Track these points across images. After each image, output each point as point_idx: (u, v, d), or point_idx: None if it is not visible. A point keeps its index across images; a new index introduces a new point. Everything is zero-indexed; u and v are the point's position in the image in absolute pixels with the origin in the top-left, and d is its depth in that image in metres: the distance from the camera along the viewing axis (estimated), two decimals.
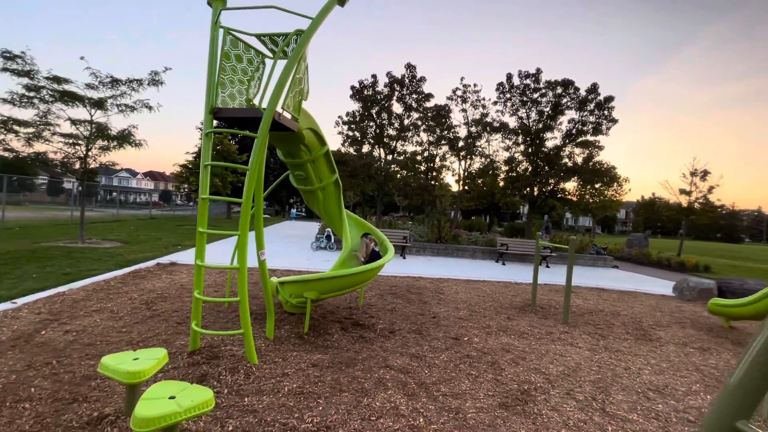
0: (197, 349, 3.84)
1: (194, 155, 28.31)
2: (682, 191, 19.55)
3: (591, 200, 20.64)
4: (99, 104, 9.96)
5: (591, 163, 18.76)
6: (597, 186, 20.59)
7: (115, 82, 9.87)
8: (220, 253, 9.85)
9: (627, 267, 16.60)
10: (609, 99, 18.42)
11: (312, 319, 5.19)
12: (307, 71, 4.40)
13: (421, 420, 3.00)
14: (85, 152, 10.21)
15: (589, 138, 18.76)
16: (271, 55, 4.43)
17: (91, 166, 11.00)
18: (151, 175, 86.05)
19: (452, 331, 5.34)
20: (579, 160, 19.26)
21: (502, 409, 3.29)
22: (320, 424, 2.81)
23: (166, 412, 2.03)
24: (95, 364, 3.39)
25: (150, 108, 10.59)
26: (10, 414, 2.64)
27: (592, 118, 18.83)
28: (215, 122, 4.00)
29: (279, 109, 3.82)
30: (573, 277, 6.53)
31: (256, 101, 4.20)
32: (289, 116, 4.07)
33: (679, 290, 9.48)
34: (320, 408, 3.05)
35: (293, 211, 50.16)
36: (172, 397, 2.18)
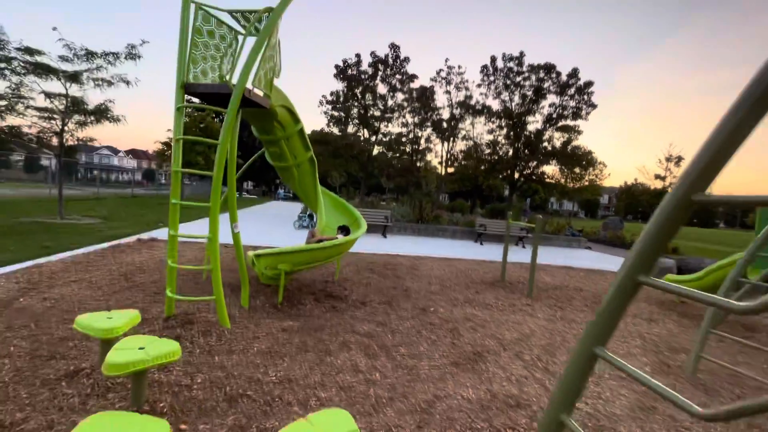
0: (172, 315, 4.05)
1: None
2: (657, 176, 20.23)
3: (569, 184, 21.14)
4: (74, 78, 9.76)
5: (569, 148, 19.17)
6: (576, 170, 21.07)
7: (90, 55, 9.66)
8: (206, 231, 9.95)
9: (601, 248, 17.22)
10: (588, 84, 18.71)
11: (287, 291, 5.44)
12: (279, 48, 4.49)
13: (377, 375, 3.30)
14: (61, 127, 10.05)
15: (569, 123, 19.14)
16: (243, 31, 4.50)
17: (69, 142, 10.84)
18: (134, 154, 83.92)
19: (420, 303, 5.65)
20: (558, 144, 19.67)
21: (453, 367, 3.62)
22: (283, 378, 3.09)
23: (134, 359, 2.26)
24: (72, 333, 3.58)
25: (128, 83, 10.42)
26: None
27: (572, 103, 19.14)
28: (195, 100, 4.10)
29: (249, 85, 3.94)
30: (546, 256, 6.90)
31: (229, 78, 4.29)
32: (260, 93, 4.19)
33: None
34: (285, 365, 3.32)
35: (280, 191, 49.89)
36: (141, 348, 2.40)
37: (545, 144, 20.02)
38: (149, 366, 2.32)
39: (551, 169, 20.29)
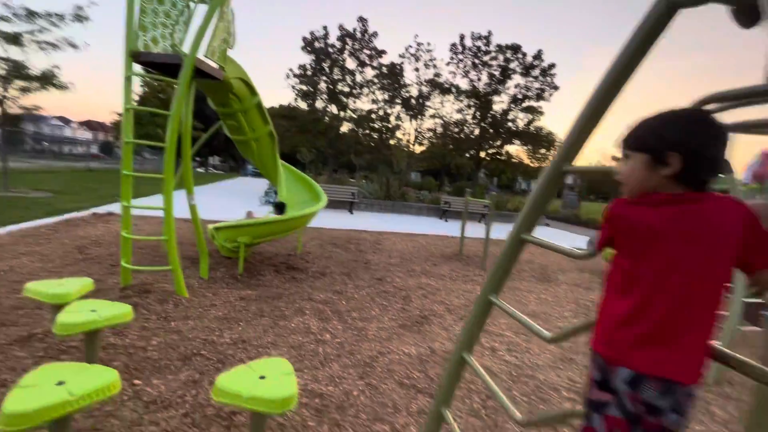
0: (129, 285, 4.11)
1: (135, 102, 26.25)
2: (613, 158, 21.36)
3: (534, 164, 21.98)
4: (14, 39, 9.04)
5: (532, 128, 19.84)
6: (542, 151, 21.86)
7: (31, 14, 8.94)
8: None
9: (559, 226, 18.21)
10: (551, 66, 19.27)
11: (249, 264, 5.56)
12: (233, 19, 4.44)
13: (328, 336, 3.56)
14: (2, 93, 9.37)
15: (533, 104, 19.73)
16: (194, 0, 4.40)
17: (11, 110, 10.13)
18: (89, 125, 78.48)
19: (378, 274, 5.95)
20: (521, 124, 20.27)
21: (400, 329, 3.93)
22: (237, 339, 3.28)
23: (85, 320, 2.37)
24: (24, 302, 3.57)
25: (75, 46, 9.77)
26: None
27: (536, 84, 19.67)
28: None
29: (202, 56, 3.91)
30: (505, 232, 7.34)
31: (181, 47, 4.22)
32: (214, 65, 4.17)
33: (591, 244, 10.77)
34: (240, 328, 3.51)
35: (249, 167, 48.55)
36: (93, 310, 2.51)
37: (510, 124, 20.57)
38: (101, 326, 2.44)
39: (515, 149, 21.00)
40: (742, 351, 1.23)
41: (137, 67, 4.03)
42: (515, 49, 18.97)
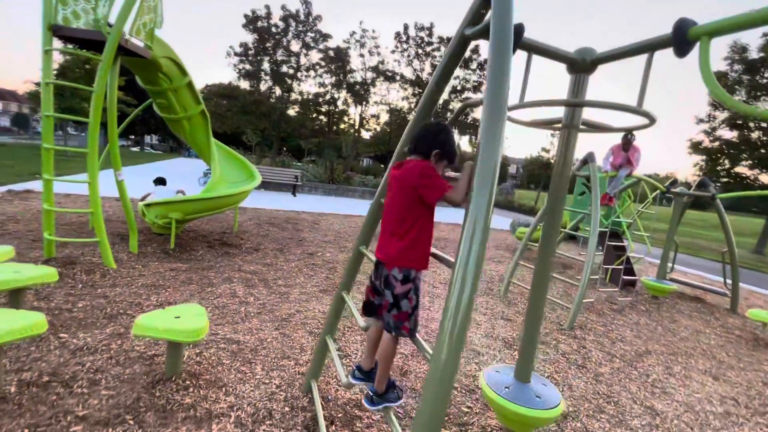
0: (52, 258, 4.20)
1: (55, 73, 23.79)
2: (543, 149, 23.39)
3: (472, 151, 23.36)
4: None
5: (470, 119, 21.05)
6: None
7: None
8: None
9: (496, 211, 19.72)
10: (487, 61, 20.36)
11: (182, 240, 5.73)
12: (161, 0, 4.54)
13: (252, 299, 3.98)
14: None
15: (471, 95, 20.87)
16: None
17: None
18: None
19: (310, 249, 6.39)
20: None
21: (321, 293, 4.44)
22: (163, 302, 3.59)
23: (8, 278, 2.59)
24: None
25: None
26: None
27: (474, 77, 20.86)
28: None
29: (126, 33, 4.02)
30: (442, 215, 8.08)
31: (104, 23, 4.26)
32: (140, 44, 4.28)
33: (512, 226, 11.97)
34: (167, 294, 3.81)
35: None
36: (17, 271, 2.72)
37: (449, 114, 21.61)
38: (23, 285, 2.67)
39: (456, 138, 22.27)
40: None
41: (57, 41, 4.04)
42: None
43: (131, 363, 2.56)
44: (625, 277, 6.31)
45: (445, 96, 21.50)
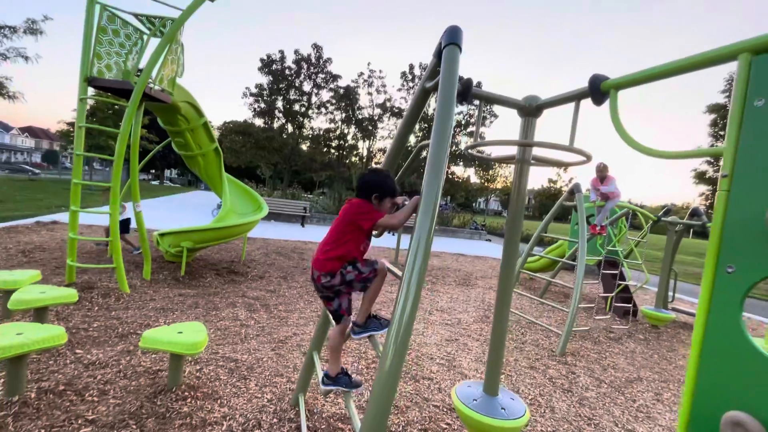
0: (73, 282, 4.56)
1: (87, 113, 25.57)
2: (550, 180, 23.62)
3: (483, 183, 23.69)
4: None
5: (475, 151, 21.58)
6: (490, 172, 23.64)
7: None
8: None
9: (500, 241, 19.72)
10: None
11: (192, 268, 6.07)
12: (182, 51, 5.14)
13: (253, 322, 4.22)
14: None
15: (472, 129, 21.56)
16: (148, 32, 5.06)
17: None
18: (31, 132, 73.56)
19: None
20: (463, 146, 22.04)
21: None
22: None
23: (36, 298, 2.92)
24: None
25: (27, 58, 9.91)
26: None
27: (476, 111, 21.66)
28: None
29: (152, 83, 4.57)
30: (445, 245, 8.27)
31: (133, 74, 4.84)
32: (162, 90, 4.82)
33: (520, 256, 12.04)
34: (174, 316, 4.09)
35: None
36: (42, 292, 3.06)
37: (453, 147, 22.23)
38: (48, 303, 2.99)
39: (461, 170, 22.69)
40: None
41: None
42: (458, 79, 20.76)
43: (137, 376, 2.81)
44: (624, 306, 6.33)
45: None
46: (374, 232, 1.98)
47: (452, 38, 1.94)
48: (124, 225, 6.35)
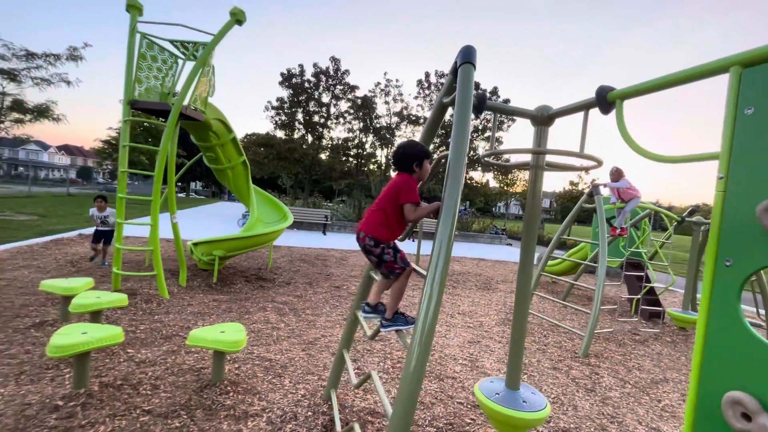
0: (118, 289, 4.92)
1: (117, 131, 26.96)
2: (572, 182, 23.23)
3: (502, 188, 23.55)
4: (11, 76, 9.91)
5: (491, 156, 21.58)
6: (509, 177, 23.47)
7: (30, 55, 9.87)
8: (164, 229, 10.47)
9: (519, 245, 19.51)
10: (506, 101, 21.45)
11: (223, 275, 6.40)
12: (213, 73, 5.51)
13: (283, 325, 4.45)
14: None
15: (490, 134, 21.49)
16: (182, 57, 5.47)
17: (3, 134, 10.84)
18: (67, 150, 77.70)
19: (337, 283, 6.86)
20: (481, 152, 22.06)
21: (344, 321, 4.84)
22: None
23: (92, 302, 3.24)
24: (31, 300, 4.36)
25: (69, 83, 10.68)
26: None
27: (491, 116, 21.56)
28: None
29: (186, 103, 4.93)
30: (465, 250, 8.37)
31: (170, 96, 5.24)
32: (196, 110, 5.19)
33: (538, 259, 11.94)
34: (211, 320, 4.37)
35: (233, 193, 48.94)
36: (98, 297, 3.38)
37: (471, 152, 22.27)
38: (104, 307, 3.30)
39: (479, 175, 22.63)
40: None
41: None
42: (474, 86, 20.90)
43: (183, 373, 3.06)
44: (651, 308, 6.26)
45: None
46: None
47: (467, 57, 2.12)
48: (110, 235, 6.24)
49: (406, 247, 2.49)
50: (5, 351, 3.16)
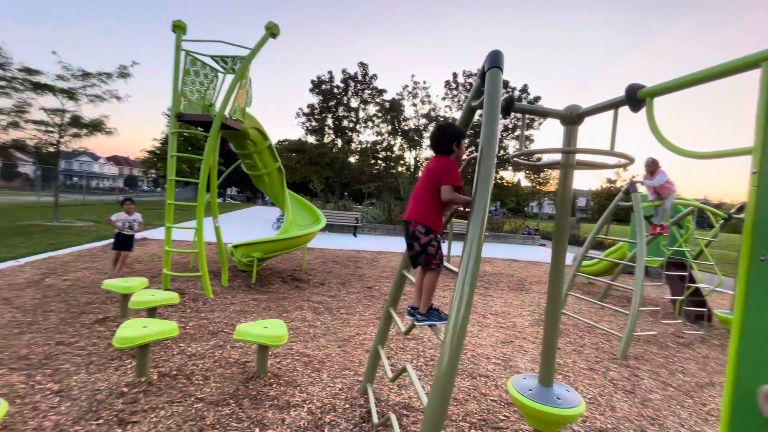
0: (168, 289, 5.29)
1: (161, 142, 28.66)
2: (609, 180, 22.27)
3: (534, 187, 22.97)
4: (70, 95, 10.85)
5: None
6: (541, 175, 22.90)
7: (86, 75, 10.78)
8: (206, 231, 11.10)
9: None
10: (537, 99, 20.86)
11: (261, 276, 6.71)
12: (250, 85, 5.83)
13: (319, 323, 4.64)
14: (57, 139, 11.12)
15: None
16: (222, 71, 5.82)
17: (63, 148, 11.85)
18: (115, 160, 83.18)
19: (369, 284, 7.01)
20: (511, 151, 21.54)
21: (377, 320, 4.98)
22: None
23: (148, 299, 3.54)
24: (94, 299, 4.80)
25: (119, 98, 11.55)
26: (43, 316, 4.07)
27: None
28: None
29: (227, 114, 5.25)
30: (497, 251, 8.34)
31: (212, 108, 5.60)
32: (235, 120, 5.51)
33: (575, 260, 11.58)
34: (252, 317, 4.62)
35: (267, 197, 50.70)
36: (153, 295, 3.69)
37: (502, 152, 21.85)
38: (158, 304, 3.60)
39: (510, 174, 22.17)
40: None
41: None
42: (504, 84, 20.63)
43: (230, 366, 3.30)
44: (696, 309, 5.97)
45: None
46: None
47: (494, 62, 2.18)
48: (127, 241, 5.74)
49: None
50: (75, 343, 3.52)
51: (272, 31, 5.28)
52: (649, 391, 3.61)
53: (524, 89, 20.96)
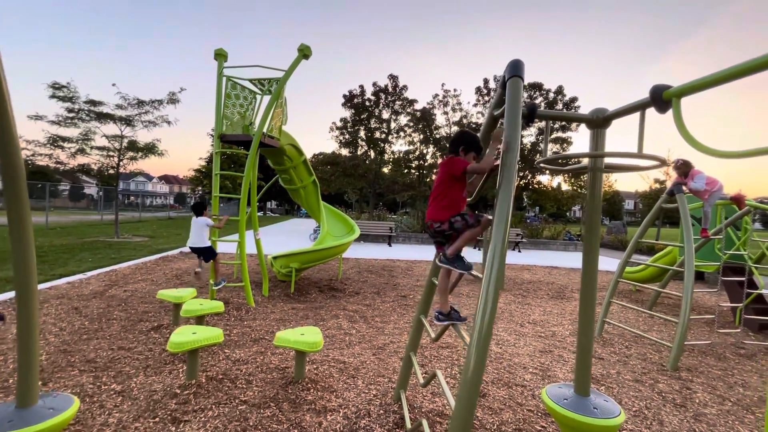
0: (214, 298, 5.64)
1: (206, 160, 30.49)
2: (657, 180, 20.84)
3: (574, 190, 22.05)
4: (128, 122, 11.92)
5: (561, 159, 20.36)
6: (581, 178, 21.94)
7: (140, 103, 11.82)
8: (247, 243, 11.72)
9: (600, 251, 18.01)
10: (574, 99, 20.16)
11: (299, 286, 6.97)
12: (285, 104, 6.16)
13: (354, 331, 4.76)
14: (117, 162, 12.22)
15: (560, 134, 20.30)
16: (260, 92, 6.20)
17: (123, 170, 12.97)
18: (166, 179, 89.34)
19: (403, 293, 7.06)
20: (549, 154, 20.84)
21: (410, 327, 5.01)
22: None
23: (197, 308, 3.82)
24: (150, 308, 5.22)
25: (169, 123, 12.52)
26: (107, 324, 4.49)
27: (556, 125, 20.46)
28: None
29: (265, 132, 5.58)
30: (537, 258, 8.17)
31: (250, 127, 5.97)
32: (273, 137, 5.84)
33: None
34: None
35: (303, 210, 52.31)
36: (201, 304, 3.98)
37: (538, 155, 21.23)
38: (206, 312, 3.88)
39: (548, 179, 21.41)
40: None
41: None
42: (537, 86, 20.11)
43: (270, 371, 3.47)
44: (760, 318, 5.49)
45: (532, 138, 21.62)
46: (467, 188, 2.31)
47: (515, 71, 2.22)
48: (210, 252, 5.38)
49: (468, 254, 2.59)
50: (134, 348, 3.86)
51: (305, 52, 5.58)
52: (703, 405, 3.39)
53: (559, 91, 20.32)
